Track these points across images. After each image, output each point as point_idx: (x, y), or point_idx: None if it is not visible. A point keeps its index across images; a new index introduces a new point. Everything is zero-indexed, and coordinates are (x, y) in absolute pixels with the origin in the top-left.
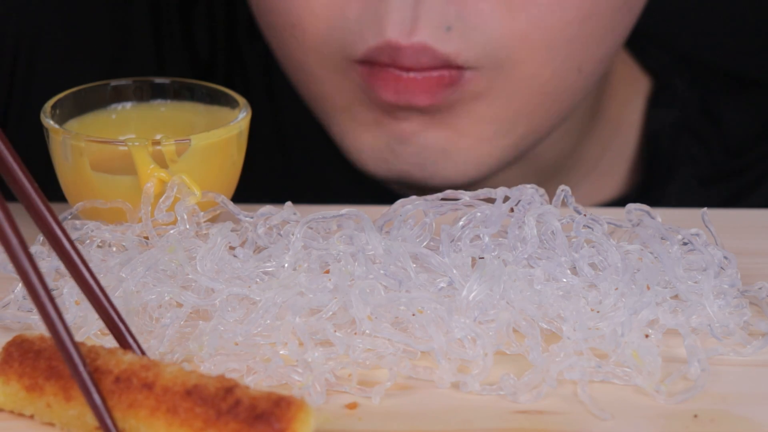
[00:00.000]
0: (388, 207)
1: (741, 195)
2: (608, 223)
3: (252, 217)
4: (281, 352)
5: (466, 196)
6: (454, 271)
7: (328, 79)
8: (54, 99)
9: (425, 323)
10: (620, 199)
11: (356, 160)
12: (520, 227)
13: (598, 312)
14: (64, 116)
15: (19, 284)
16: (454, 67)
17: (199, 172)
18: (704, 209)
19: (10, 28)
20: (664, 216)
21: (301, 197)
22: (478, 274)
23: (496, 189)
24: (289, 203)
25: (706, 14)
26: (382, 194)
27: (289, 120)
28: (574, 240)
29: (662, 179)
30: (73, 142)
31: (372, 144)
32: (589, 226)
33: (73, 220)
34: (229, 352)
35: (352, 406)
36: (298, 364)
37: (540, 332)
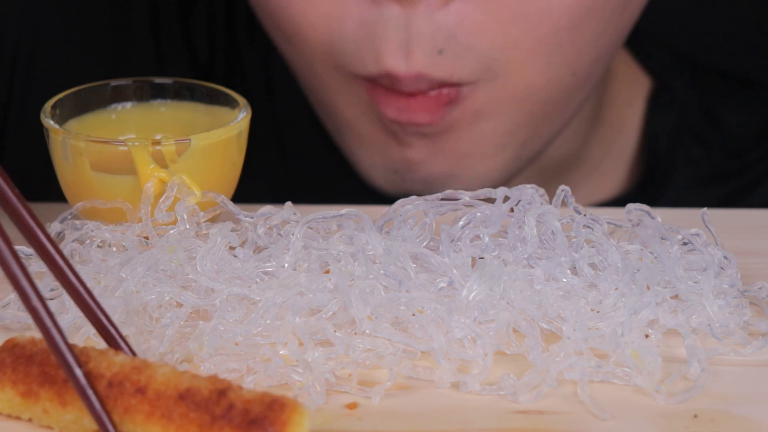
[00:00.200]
0: (388, 207)
1: (741, 195)
2: (608, 223)
3: (252, 217)
4: (281, 352)
5: (466, 196)
6: (454, 271)
7: (338, 88)
8: (54, 99)
9: (425, 323)
10: (620, 199)
11: (366, 177)
12: (520, 227)
13: (598, 312)
14: (64, 116)
15: None
16: (451, 85)
17: (199, 172)
18: (704, 209)
19: (10, 28)
20: (664, 216)
21: (300, 197)
22: (478, 274)
23: (496, 189)
24: (289, 203)
25: (706, 14)
26: (382, 194)
27: (289, 120)
28: (574, 240)
29: (662, 179)
30: (73, 142)
31: (381, 165)
32: (589, 226)
33: (73, 220)
34: (229, 352)
35: (352, 406)
36: (298, 364)
37: (540, 332)
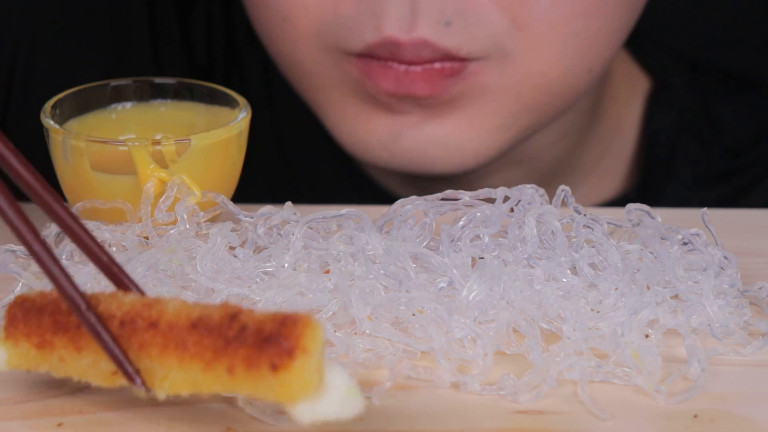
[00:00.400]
0: (388, 207)
1: (741, 195)
2: (608, 223)
3: (252, 217)
4: None
5: (466, 196)
6: (454, 271)
7: (320, 72)
8: (54, 99)
9: (425, 323)
10: (620, 199)
11: (352, 151)
12: (520, 227)
13: (598, 312)
14: (64, 116)
15: (19, 284)
16: (457, 59)
17: (199, 172)
18: (704, 209)
19: (10, 28)
20: (664, 216)
21: (300, 197)
22: (478, 274)
23: (496, 189)
24: (289, 203)
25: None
26: (382, 194)
27: (289, 120)
28: (574, 240)
29: (662, 179)
30: (73, 142)
31: (368, 137)
32: (589, 226)
33: None
34: None
35: None
36: None
37: (540, 332)
